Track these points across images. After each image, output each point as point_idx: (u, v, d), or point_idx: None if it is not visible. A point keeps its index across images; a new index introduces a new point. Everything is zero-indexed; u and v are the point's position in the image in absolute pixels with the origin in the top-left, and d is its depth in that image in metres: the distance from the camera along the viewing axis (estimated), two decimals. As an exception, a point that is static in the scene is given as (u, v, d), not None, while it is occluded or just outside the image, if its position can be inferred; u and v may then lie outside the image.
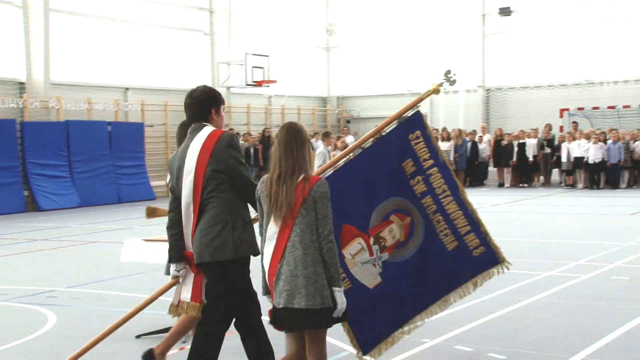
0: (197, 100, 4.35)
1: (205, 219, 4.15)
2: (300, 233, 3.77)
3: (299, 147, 3.89)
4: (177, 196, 4.27)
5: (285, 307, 3.79)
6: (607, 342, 5.63)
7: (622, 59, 24.06)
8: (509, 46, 26.24)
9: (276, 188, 3.80)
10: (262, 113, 26.21)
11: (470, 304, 6.94)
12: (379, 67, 28.69)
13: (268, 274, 3.88)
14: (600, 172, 20.63)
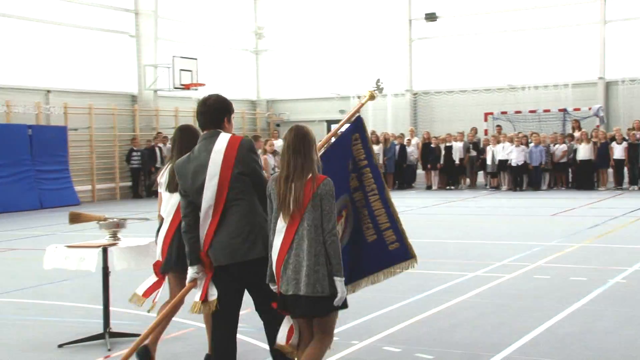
0: (212, 108, 4.53)
1: (232, 220, 4.33)
2: (307, 227, 4.09)
3: (307, 149, 4.18)
4: (192, 200, 4.40)
5: (293, 294, 4.12)
6: (529, 339, 5.80)
7: (543, 65, 24.94)
8: (435, 51, 26.80)
9: (284, 188, 4.13)
10: (190, 116, 25.86)
11: (399, 305, 7.04)
12: (308, 70, 28.81)
13: (275, 263, 4.18)
14: (522, 174, 21.29)
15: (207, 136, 4.45)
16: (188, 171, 4.41)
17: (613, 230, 11.96)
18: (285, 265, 4.13)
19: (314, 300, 4.08)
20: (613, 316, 6.45)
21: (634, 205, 15.86)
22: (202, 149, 4.41)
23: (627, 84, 23.86)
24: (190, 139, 5.02)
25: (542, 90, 24.69)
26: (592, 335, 5.86)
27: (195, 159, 4.41)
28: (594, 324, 6.21)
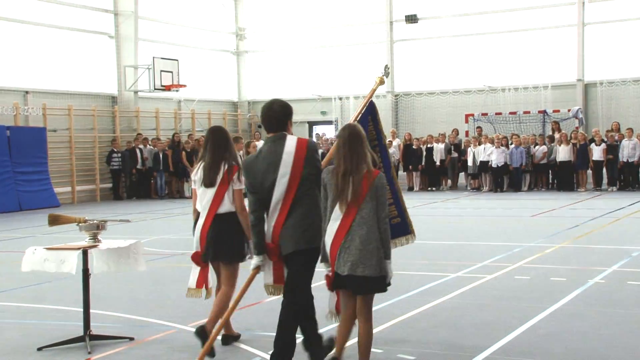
0: (277, 113, 5.07)
1: (298, 214, 4.87)
2: (365, 216, 4.63)
3: (361, 146, 4.69)
4: (261, 197, 4.93)
5: (349, 275, 4.64)
6: (510, 339, 5.85)
7: (522, 67, 25.14)
8: (416, 53, 26.92)
9: (342, 181, 4.63)
10: (171, 118, 25.78)
11: (381, 306, 7.06)
12: (290, 71, 28.80)
13: (331, 246, 4.70)
14: (503, 175, 21.44)
15: (275, 138, 5.00)
16: (257, 170, 4.95)
17: (592, 231, 12.08)
18: (342, 249, 4.65)
19: (369, 279, 4.63)
20: (592, 316, 6.51)
21: (613, 206, 16.03)
22: (272, 149, 4.95)
23: (606, 85, 24.12)
24: (221, 139, 5.69)
25: (522, 92, 24.89)
26: (571, 335, 5.92)
27: (264, 159, 4.94)
28: (574, 324, 6.28)
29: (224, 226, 5.64)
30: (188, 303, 7.53)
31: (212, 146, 5.70)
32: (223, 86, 28.91)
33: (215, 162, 5.66)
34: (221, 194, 5.64)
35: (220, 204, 5.63)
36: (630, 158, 20.14)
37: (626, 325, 6.18)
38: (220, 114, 27.84)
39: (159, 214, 17.61)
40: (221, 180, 5.63)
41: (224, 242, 5.64)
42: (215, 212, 5.61)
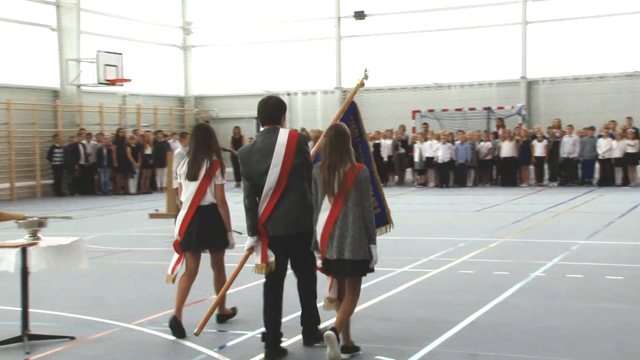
0: (273, 107, 5.54)
1: (290, 200, 5.37)
2: (351, 206, 5.13)
3: (345, 143, 5.21)
4: (254, 183, 5.44)
5: (337, 259, 5.17)
6: (454, 332, 5.94)
7: (468, 64, 25.54)
8: (364, 49, 27.06)
9: (328, 174, 5.14)
10: (116, 113, 25.32)
11: (327, 302, 7.08)
12: (238, 67, 28.63)
13: (321, 235, 5.22)
14: (449, 171, 21.76)
15: (269, 131, 5.46)
16: (252, 159, 5.44)
17: (534, 226, 12.36)
18: (331, 236, 5.17)
19: (356, 263, 5.14)
20: (533, 308, 6.67)
21: (554, 201, 16.44)
22: (265, 141, 5.42)
23: (547, 83, 24.71)
24: (205, 136, 6.18)
25: (468, 89, 25.29)
26: (513, 328, 6.05)
27: (259, 150, 5.41)
28: (516, 316, 6.41)
29: (207, 218, 6.09)
30: (132, 301, 7.42)
31: (196, 143, 6.15)
32: (169, 81, 28.54)
33: (199, 158, 6.11)
34: (203, 188, 6.09)
35: (202, 197, 6.10)
36: (570, 154, 20.68)
37: (566, 317, 6.34)
38: (167, 109, 27.49)
39: (102, 211, 17.29)
40: (204, 175, 6.07)
41: (208, 232, 6.12)
42: (197, 204, 6.08)
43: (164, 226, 13.64)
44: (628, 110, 22.95)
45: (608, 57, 23.90)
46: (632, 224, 12.48)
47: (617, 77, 23.87)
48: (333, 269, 5.33)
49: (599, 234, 11.21)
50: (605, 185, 20.02)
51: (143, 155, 22.53)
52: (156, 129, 24.70)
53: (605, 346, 5.48)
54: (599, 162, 20.51)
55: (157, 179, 23.28)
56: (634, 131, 20.15)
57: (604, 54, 23.96)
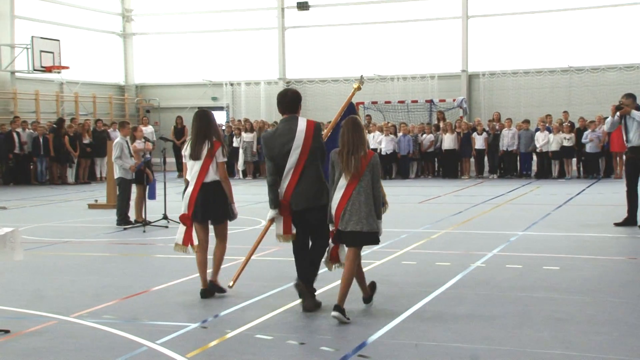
0: (291, 99, 6.53)
1: (308, 179, 6.35)
2: (364, 185, 6.10)
3: (361, 133, 6.15)
4: (277, 163, 6.36)
5: (350, 231, 6.10)
6: (396, 323, 6.00)
7: (411, 56, 25.82)
8: (308, 40, 27.06)
9: (346, 158, 6.08)
10: (53, 101, 24.66)
11: (271, 293, 7.07)
12: (180, 56, 28.25)
13: (336, 209, 6.14)
14: (392, 163, 21.96)
15: (289, 119, 6.46)
16: (275, 142, 6.40)
17: (474, 217, 12.60)
18: (345, 211, 6.09)
19: (367, 234, 6.11)
20: (474, 299, 6.80)
21: (493, 193, 16.79)
22: (287, 127, 6.40)
23: (487, 77, 25.20)
24: (205, 120, 6.95)
25: (411, 82, 25.57)
26: (454, 318, 6.15)
27: (281, 134, 6.39)
28: (457, 307, 6.52)
29: (210, 193, 6.87)
30: (70, 293, 7.26)
31: (198, 126, 6.93)
32: (109, 69, 27.96)
33: (200, 140, 6.89)
34: (206, 166, 6.87)
35: (206, 174, 6.87)
36: (509, 147, 21.15)
37: (505, 306, 6.49)
38: (106, 98, 26.92)
39: (39, 201, 16.84)
40: (206, 155, 6.85)
41: (212, 206, 6.90)
42: (202, 181, 6.86)
43: (104, 217, 13.37)
44: (564, 104, 23.63)
45: (545, 52, 24.54)
46: (567, 215, 12.86)
47: (554, 72, 24.53)
48: (346, 239, 6.22)
49: (536, 225, 11.50)
50: (543, 178, 20.57)
51: (81, 144, 22.02)
52: (95, 118, 24.15)
53: (543, 334, 5.63)
54: (537, 155, 21.04)
55: (96, 169, 22.81)
56: (569, 125, 20.73)
57: (542, 50, 24.59)
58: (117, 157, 12.09)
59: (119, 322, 6.12)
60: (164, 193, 12.44)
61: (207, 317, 6.24)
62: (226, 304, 6.65)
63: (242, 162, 22.82)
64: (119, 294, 7.20)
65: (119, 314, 6.41)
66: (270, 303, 6.71)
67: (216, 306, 6.59)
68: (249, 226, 11.94)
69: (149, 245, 10.55)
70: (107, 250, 10.32)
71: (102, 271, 8.53)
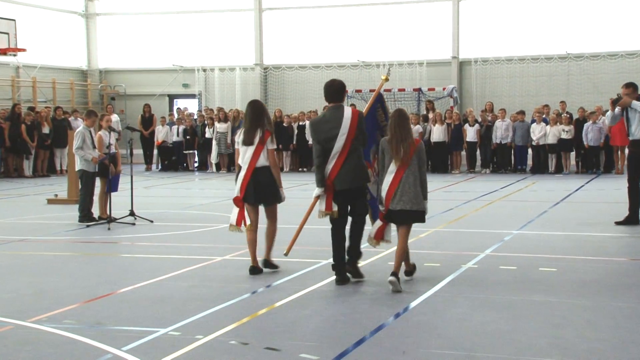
0: (337, 89, 7.71)
1: (352, 162, 7.51)
2: (412, 170, 7.34)
3: (407, 123, 7.45)
4: (324, 147, 7.54)
5: (400, 210, 7.35)
6: (382, 328, 6.00)
7: (397, 42, 25.83)
8: (287, 23, 26.99)
9: (395, 146, 7.32)
10: (8, 86, 24.40)
11: (246, 296, 7.06)
12: (148, 38, 28.05)
13: (387, 192, 7.38)
14: (377, 156, 21.95)
15: (336, 107, 7.63)
16: (322, 127, 7.59)
17: (466, 215, 12.66)
18: (395, 193, 7.33)
19: (416, 213, 7.37)
20: (465, 302, 6.83)
21: (486, 188, 16.89)
22: (334, 115, 7.57)
23: (480, 64, 25.30)
24: (258, 109, 8.07)
25: (397, 69, 25.58)
26: (444, 323, 6.17)
27: (328, 121, 7.58)
28: (447, 310, 6.55)
29: (261, 177, 7.98)
30: (27, 296, 7.19)
31: (251, 114, 8.01)
32: (70, 52, 27.71)
33: (253, 127, 7.96)
34: (258, 152, 7.93)
35: (257, 160, 7.94)
36: (503, 139, 21.27)
37: (499, 311, 6.52)
38: (67, 84, 26.69)
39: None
40: (258, 142, 7.91)
41: (262, 189, 8.01)
42: (254, 167, 7.94)
43: (65, 213, 13.26)
44: (562, 94, 23.81)
45: (542, 38, 24.67)
46: (565, 213, 12.96)
47: (551, 59, 24.68)
48: (395, 218, 7.44)
49: (532, 224, 11.58)
50: (539, 173, 20.72)
51: (40, 134, 21.80)
52: (55, 105, 23.93)
53: (539, 342, 5.66)
54: (532, 149, 21.17)
55: (55, 161, 22.61)
56: (568, 116, 20.87)
57: (538, 35, 24.73)
58: (78, 148, 11.99)
59: (81, 327, 6.07)
60: (130, 187, 12.36)
61: (178, 321, 6.21)
62: (197, 308, 6.63)
63: (216, 155, 22.73)
64: (81, 296, 7.14)
65: (81, 318, 6.36)
66: (246, 306, 6.69)
67: (186, 311, 6.56)
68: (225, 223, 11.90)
69: (114, 244, 10.49)
70: (69, 249, 10.24)
71: (63, 272, 8.46)
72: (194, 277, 8.01)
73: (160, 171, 23.67)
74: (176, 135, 23.56)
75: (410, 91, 24.68)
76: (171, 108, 27.54)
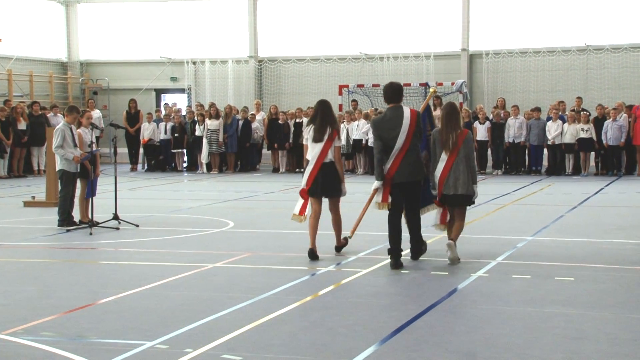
0: (397, 90, 9.06)
1: (411, 158, 8.84)
2: (462, 157, 8.82)
3: (457, 116, 8.99)
4: (386, 144, 8.82)
5: (453, 194, 8.85)
6: (385, 342, 6.02)
7: (402, 32, 25.83)
8: (283, 12, 27.01)
9: (445, 137, 8.84)
10: (-16, 79, 24.40)
11: (241, 306, 7.07)
12: (133, 29, 28.09)
13: (439, 177, 8.90)
14: (380, 156, 21.96)
15: (396, 107, 8.94)
16: (384, 126, 8.92)
17: (475, 220, 12.66)
18: (447, 179, 8.86)
19: (466, 196, 8.91)
20: (475, 314, 6.84)
21: (498, 191, 16.90)
22: (394, 114, 8.89)
23: (492, 57, 25.33)
24: (328, 109, 9.56)
25: (403, 62, 25.62)
26: (452, 336, 6.19)
27: (389, 120, 8.90)
28: (455, 322, 6.56)
29: (327, 171, 9.36)
30: (3, 306, 7.21)
31: (321, 113, 9.44)
32: (49, 43, 27.72)
33: (323, 125, 9.35)
34: (326, 149, 9.32)
35: (325, 156, 9.32)
36: (516, 138, 21.29)
37: (511, 323, 6.54)
38: (46, 77, 26.71)
39: (-34, 198, 16.67)
40: (327, 138, 9.30)
41: (328, 183, 9.40)
42: (322, 162, 9.31)
43: (43, 216, 13.27)
44: (580, 89, 23.84)
45: (559, 29, 24.71)
46: (583, 218, 12.98)
47: (568, 52, 24.72)
48: (449, 202, 8.97)
49: (547, 230, 11.60)
50: (555, 174, 20.75)
51: (15, 130, 21.80)
52: (32, 100, 23.94)
53: (554, 356, 5.68)
54: (548, 148, 21.19)
55: (32, 160, 22.59)
56: (587, 114, 20.89)
57: (555, 26, 24.76)
58: (58, 146, 11.99)
59: (60, 340, 6.07)
60: (114, 189, 12.37)
61: (165, 333, 6.22)
62: (187, 319, 6.63)
63: (207, 154, 22.73)
64: (60, 307, 7.15)
65: (61, 330, 6.37)
66: (241, 317, 6.70)
67: (176, 321, 6.57)
68: (216, 228, 11.91)
69: (97, 250, 10.49)
70: (47, 255, 10.25)
71: (41, 280, 8.47)
72: (183, 285, 8.02)
73: (147, 172, 23.67)
74: (164, 133, 23.57)
75: (416, 86, 24.65)
76: (158, 103, 27.56)
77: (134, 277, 8.43)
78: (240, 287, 7.94)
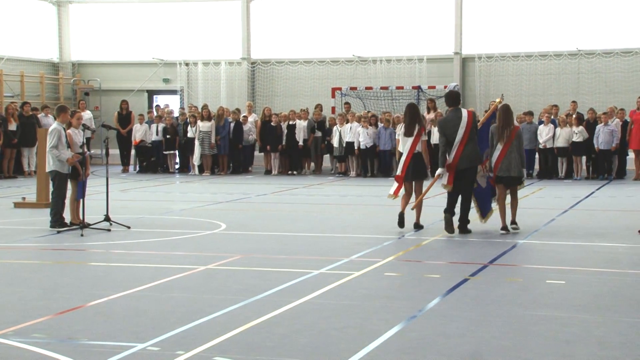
0: (456, 96, 11.73)
1: (469, 148, 11.21)
2: (515, 145, 11.39)
3: (511, 114, 11.64)
4: (448, 139, 11.25)
5: (507, 176, 11.40)
6: (379, 344, 6.03)
7: (396, 36, 25.85)
8: (277, 14, 27.00)
9: (501, 131, 11.36)
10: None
11: (233, 308, 7.07)
12: (125, 29, 28.03)
13: (495, 163, 11.39)
14: (372, 158, 21.99)
15: (455, 110, 11.44)
16: (448, 125, 11.33)
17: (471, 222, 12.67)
18: (502, 163, 11.30)
19: (517, 178, 11.47)
20: (466, 317, 6.85)
21: (490, 194, 16.90)
22: (455, 116, 11.34)
23: (484, 60, 25.38)
24: (416, 111, 11.99)
25: (395, 65, 25.66)
26: (443, 339, 6.20)
27: (451, 120, 11.34)
28: (447, 325, 6.57)
29: (417, 160, 11.68)
30: (-6, 308, 7.17)
31: (410, 113, 11.80)
32: (40, 43, 27.63)
33: (412, 123, 11.68)
34: (416, 142, 11.66)
35: (415, 148, 11.65)
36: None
37: (503, 326, 6.55)
38: (37, 77, 26.63)
39: (-43, 199, 16.60)
40: (416, 133, 11.64)
41: (418, 169, 11.73)
42: (413, 152, 11.63)
43: (34, 217, 13.23)
44: (571, 93, 23.92)
45: (551, 33, 24.78)
46: (574, 221, 13.02)
47: (560, 56, 24.79)
48: (504, 182, 11.36)
49: (538, 233, 11.64)
50: (546, 178, 20.79)
51: (6, 131, 21.73)
52: (23, 101, 23.86)
53: (545, 359, 5.70)
54: (540, 152, 21.23)
55: (23, 161, 22.53)
56: (578, 117, 20.91)
57: (547, 30, 24.83)
58: (52, 147, 11.94)
59: (51, 341, 6.06)
60: (106, 190, 12.35)
61: (157, 335, 6.21)
62: (178, 321, 6.63)
63: (199, 156, 22.69)
64: (51, 308, 7.14)
65: (52, 332, 6.36)
66: (232, 319, 6.70)
67: (168, 324, 6.56)
68: (208, 230, 11.90)
69: (88, 252, 10.47)
70: (38, 257, 10.22)
71: (32, 282, 8.45)
72: (175, 287, 8.01)
73: (138, 173, 23.62)
74: (155, 134, 23.52)
75: (409, 89, 24.75)
76: (150, 105, 27.51)
77: (125, 279, 8.41)
78: (232, 289, 7.94)
